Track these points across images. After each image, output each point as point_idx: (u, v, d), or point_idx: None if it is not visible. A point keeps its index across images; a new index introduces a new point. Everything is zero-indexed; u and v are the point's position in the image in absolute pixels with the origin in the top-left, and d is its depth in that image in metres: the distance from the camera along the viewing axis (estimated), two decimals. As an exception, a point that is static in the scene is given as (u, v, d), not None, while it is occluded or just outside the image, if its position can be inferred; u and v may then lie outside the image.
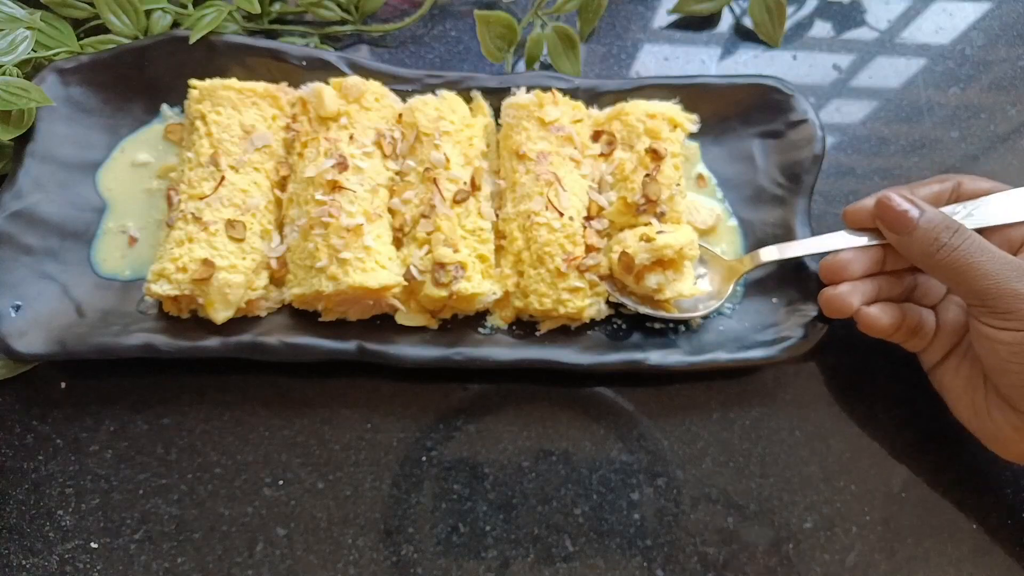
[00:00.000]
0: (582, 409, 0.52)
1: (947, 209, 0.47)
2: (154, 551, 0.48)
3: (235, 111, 0.53)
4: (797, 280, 0.53)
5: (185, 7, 0.59)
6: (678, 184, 0.52)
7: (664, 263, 0.49)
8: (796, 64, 0.65)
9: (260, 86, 0.54)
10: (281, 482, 0.50)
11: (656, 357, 0.50)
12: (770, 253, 0.51)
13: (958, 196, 0.48)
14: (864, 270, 0.48)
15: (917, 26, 0.68)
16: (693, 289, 0.50)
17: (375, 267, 0.48)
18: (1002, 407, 0.45)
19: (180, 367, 0.51)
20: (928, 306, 0.50)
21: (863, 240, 0.49)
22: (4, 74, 0.51)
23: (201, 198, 0.50)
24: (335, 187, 0.49)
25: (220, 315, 0.48)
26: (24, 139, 0.51)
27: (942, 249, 0.43)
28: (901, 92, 0.64)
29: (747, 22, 0.66)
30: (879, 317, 0.47)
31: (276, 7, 0.62)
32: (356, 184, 0.50)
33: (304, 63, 0.56)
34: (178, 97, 0.55)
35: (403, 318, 0.51)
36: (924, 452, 0.52)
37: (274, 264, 0.51)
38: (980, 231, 0.45)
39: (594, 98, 0.57)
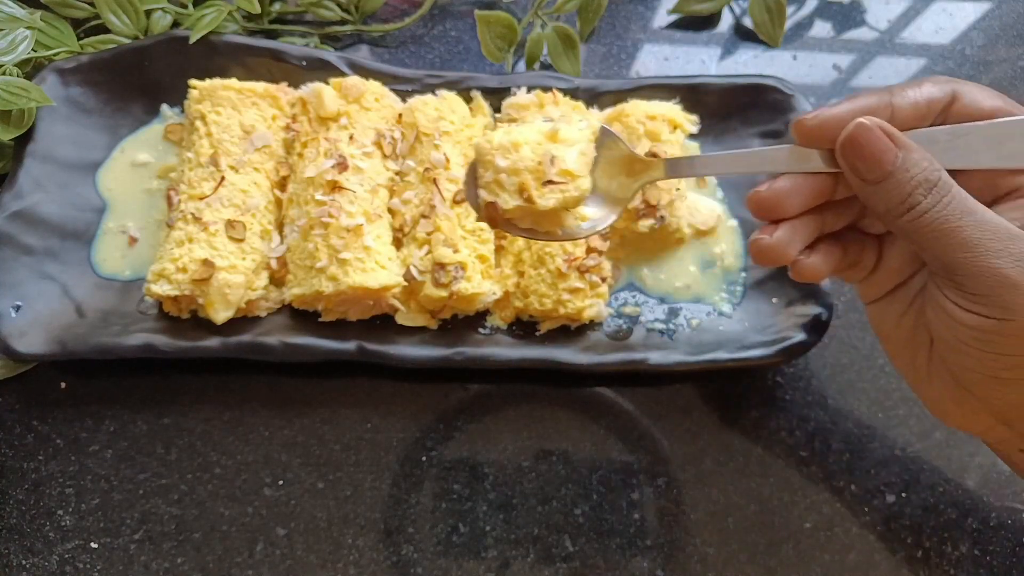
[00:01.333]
0: (582, 409, 0.52)
1: (928, 135, 0.35)
2: (154, 551, 0.48)
3: (235, 111, 0.53)
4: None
5: (185, 7, 0.59)
6: (678, 188, 0.52)
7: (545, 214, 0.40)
8: (796, 64, 0.65)
9: (260, 86, 0.54)
10: (281, 482, 0.50)
11: (656, 357, 0.50)
12: (688, 166, 0.40)
13: (949, 113, 0.36)
14: (806, 204, 0.37)
15: (917, 26, 0.68)
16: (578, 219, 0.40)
17: (375, 267, 0.48)
18: (946, 379, 0.38)
19: (180, 367, 0.52)
20: (874, 234, 0.41)
21: (814, 161, 0.36)
22: (4, 74, 0.51)
23: (201, 198, 0.50)
24: (335, 187, 0.49)
25: (220, 315, 0.48)
26: (24, 139, 0.51)
27: (912, 211, 0.33)
28: (901, 92, 0.64)
29: (747, 22, 0.66)
30: (819, 269, 0.38)
31: (276, 7, 0.62)
32: (356, 184, 0.50)
33: (304, 63, 0.56)
34: (178, 97, 0.55)
35: (403, 318, 0.51)
36: (924, 452, 0.52)
37: (274, 264, 0.51)
38: (958, 172, 0.35)
39: (594, 98, 0.57)
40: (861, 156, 0.34)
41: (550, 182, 0.38)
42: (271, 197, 0.52)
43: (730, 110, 0.57)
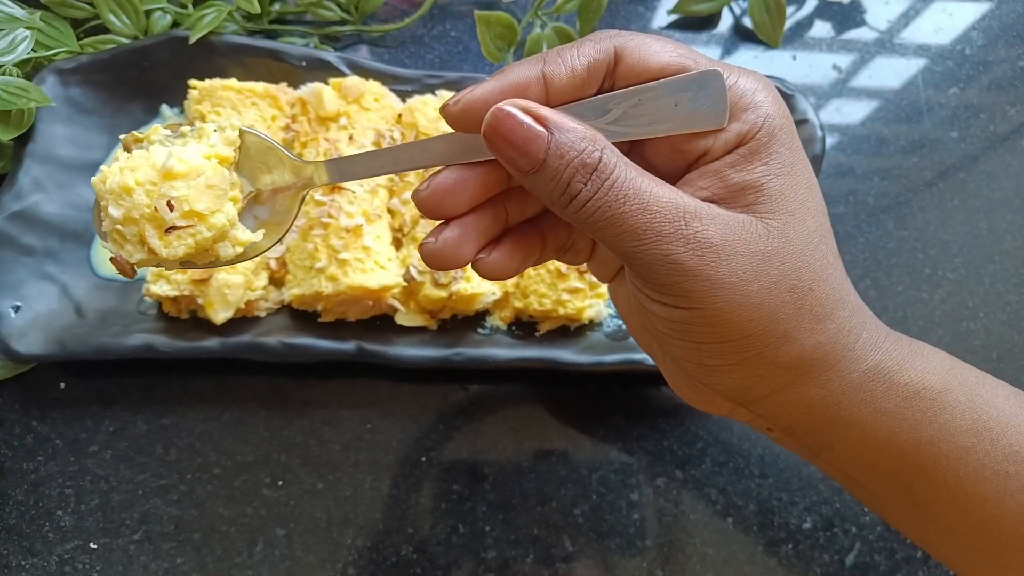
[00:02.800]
0: (582, 409, 0.52)
1: (595, 106, 0.30)
2: (154, 551, 0.48)
3: (235, 111, 0.53)
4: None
5: (185, 7, 0.59)
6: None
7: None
8: (796, 64, 0.65)
9: (260, 86, 0.54)
10: (281, 482, 0.50)
11: (656, 357, 0.50)
12: (354, 166, 0.34)
13: (617, 76, 0.31)
14: (477, 197, 0.32)
15: (917, 26, 0.67)
16: (240, 241, 0.34)
17: (374, 267, 0.48)
18: (675, 362, 0.35)
19: (180, 367, 0.52)
20: None
21: (480, 150, 0.31)
22: (4, 74, 0.51)
23: (201, 198, 0.50)
24: (334, 187, 0.49)
25: (220, 315, 0.48)
26: (24, 139, 0.51)
27: (574, 201, 0.29)
28: (901, 92, 0.64)
29: (747, 22, 0.66)
30: (503, 267, 0.33)
31: (276, 7, 0.62)
32: (355, 184, 0.50)
33: (304, 63, 0.56)
34: (178, 97, 0.55)
35: (403, 318, 0.51)
36: (924, 452, 0.52)
37: (274, 265, 0.51)
38: (645, 143, 0.31)
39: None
40: (508, 145, 0.29)
41: (174, 227, 0.32)
42: (271, 197, 0.52)
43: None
